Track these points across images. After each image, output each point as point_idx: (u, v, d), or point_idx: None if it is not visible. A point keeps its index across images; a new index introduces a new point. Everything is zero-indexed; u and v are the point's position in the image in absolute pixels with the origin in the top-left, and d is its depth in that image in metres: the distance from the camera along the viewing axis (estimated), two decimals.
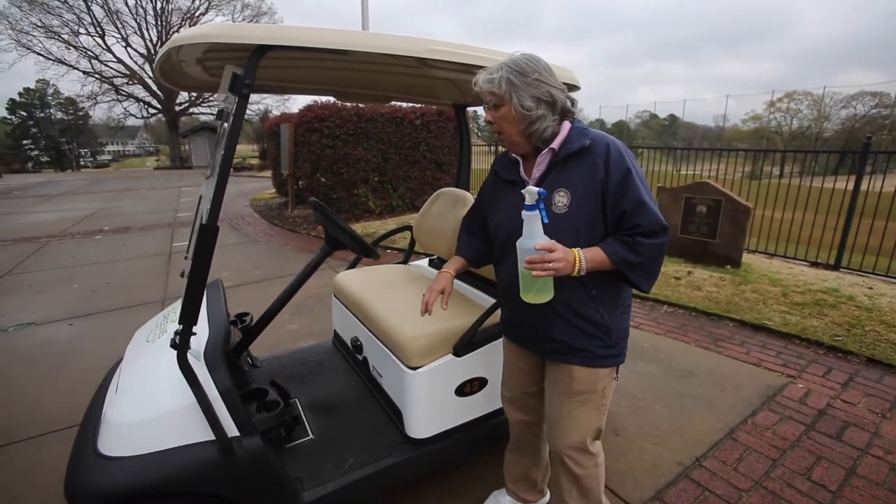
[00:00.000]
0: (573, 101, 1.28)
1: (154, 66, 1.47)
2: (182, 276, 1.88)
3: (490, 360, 1.76)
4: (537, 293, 1.19)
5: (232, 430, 1.34)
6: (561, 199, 1.24)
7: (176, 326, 1.55)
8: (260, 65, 1.20)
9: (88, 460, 1.28)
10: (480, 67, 1.48)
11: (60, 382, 2.81)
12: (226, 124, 1.41)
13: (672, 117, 46.57)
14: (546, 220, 1.14)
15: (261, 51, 1.17)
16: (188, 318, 1.27)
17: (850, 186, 4.70)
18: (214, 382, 1.35)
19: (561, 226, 1.21)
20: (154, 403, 1.35)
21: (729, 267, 4.72)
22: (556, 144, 1.25)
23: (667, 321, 3.66)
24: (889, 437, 2.19)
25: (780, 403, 2.50)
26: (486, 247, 1.54)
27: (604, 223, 1.24)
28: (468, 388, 1.73)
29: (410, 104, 7.60)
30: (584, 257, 1.17)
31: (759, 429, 2.28)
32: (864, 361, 2.92)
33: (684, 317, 3.75)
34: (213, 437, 1.31)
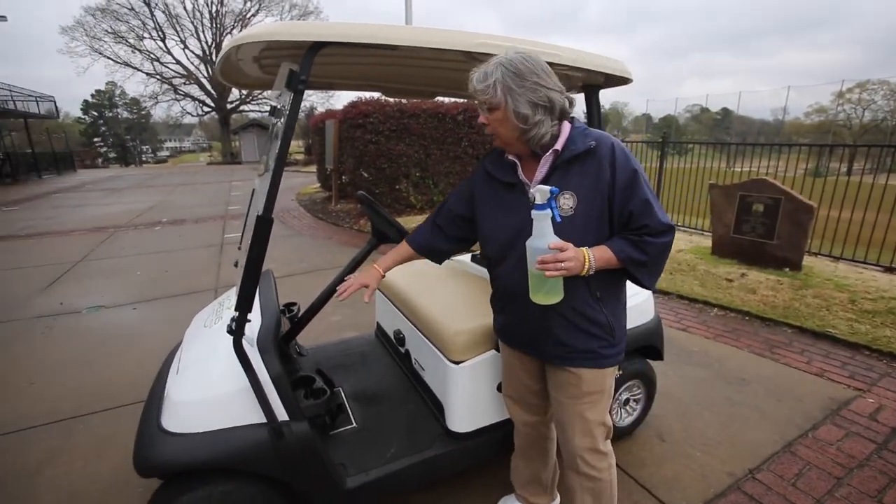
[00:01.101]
0: (571, 102, 1.25)
1: (215, 65, 1.55)
2: (235, 266, 1.97)
3: None
4: (547, 294, 1.17)
5: (282, 414, 1.40)
6: (566, 202, 1.22)
7: (231, 313, 1.63)
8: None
9: (154, 435, 1.38)
10: None
11: (127, 361, 3.03)
12: (279, 121, 1.47)
13: (725, 111, 44.09)
14: (559, 220, 1.13)
15: (316, 47, 1.20)
16: (244, 306, 1.34)
17: None
18: (266, 368, 1.41)
19: (567, 228, 1.19)
20: (211, 385, 1.43)
21: (788, 270, 4.43)
22: (559, 146, 1.22)
23: (717, 325, 3.49)
24: None
25: (846, 418, 2.32)
26: (445, 244, 1.52)
27: (609, 224, 1.23)
28: None
29: (453, 99, 7.59)
30: (593, 256, 1.17)
31: (822, 444, 2.13)
32: None
33: (736, 321, 3.55)
34: (264, 421, 1.37)
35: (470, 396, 1.68)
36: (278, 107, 1.78)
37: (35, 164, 19.38)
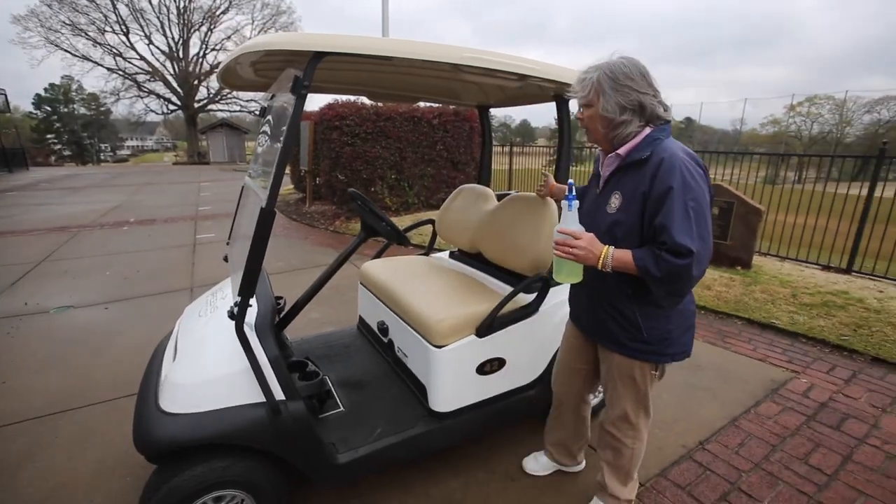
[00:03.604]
0: (665, 107, 1.31)
1: (218, 69, 1.65)
2: (225, 260, 2.06)
3: (509, 342, 1.91)
4: (567, 275, 1.36)
5: (279, 394, 1.50)
6: (615, 201, 1.35)
7: (227, 303, 1.72)
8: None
9: (154, 416, 1.45)
10: (509, 73, 1.63)
11: (103, 360, 3.01)
12: (270, 119, 1.58)
13: (688, 120, 46.08)
14: (570, 208, 1.30)
15: (319, 56, 1.33)
16: (246, 292, 1.43)
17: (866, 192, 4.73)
18: (265, 350, 1.51)
19: (606, 224, 1.36)
20: (212, 368, 1.52)
21: (739, 268, 4.80)
22: (623, 151, 1.33)
23: None
24: (888, 430, 2.28)
25: (783, 396, 2.60)
26: None
27: (640, 232, 1.29)
28: (488, 367, 1.88)
29: (428, 104, 7.75)
30: (612, 255, 1.26)
31: (761, 418, 2.39)
32: (868, 360, 3.01)
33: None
34: (262, 400, 1.47)
35: (451, 378, 1.83)
36: (266, 106, 1.90)
37: None
